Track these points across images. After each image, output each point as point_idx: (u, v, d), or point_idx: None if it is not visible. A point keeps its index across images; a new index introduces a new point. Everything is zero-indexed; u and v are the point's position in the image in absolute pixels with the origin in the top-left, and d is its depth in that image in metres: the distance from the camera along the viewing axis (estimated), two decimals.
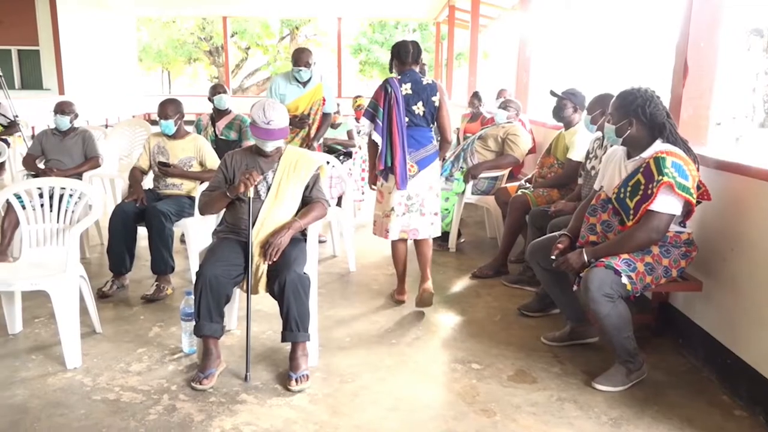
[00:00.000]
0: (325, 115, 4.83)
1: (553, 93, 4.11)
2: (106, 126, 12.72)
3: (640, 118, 2.63)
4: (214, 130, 5.05)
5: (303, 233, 2.96)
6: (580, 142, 3.96)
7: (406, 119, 3.46)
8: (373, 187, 3.75)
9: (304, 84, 4.62)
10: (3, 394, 2.58)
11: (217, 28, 23.11)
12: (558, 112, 4.14)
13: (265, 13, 20.57)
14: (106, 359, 2.92)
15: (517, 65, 7.44)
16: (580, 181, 3.76)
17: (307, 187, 2.96)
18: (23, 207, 3.21)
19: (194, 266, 4.00)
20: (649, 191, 2.55)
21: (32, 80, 14.40)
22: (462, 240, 5.04)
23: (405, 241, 3.64)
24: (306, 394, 2.63)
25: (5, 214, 4.09)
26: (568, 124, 4.13)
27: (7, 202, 3.22)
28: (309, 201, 2.96)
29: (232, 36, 22.33)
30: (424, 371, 2.88)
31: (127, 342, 3.12)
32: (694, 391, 2.71)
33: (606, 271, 2.56)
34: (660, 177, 2.52)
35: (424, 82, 3.50)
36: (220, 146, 4.80)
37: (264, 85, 25.78)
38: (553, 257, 2.84)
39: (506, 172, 4.92)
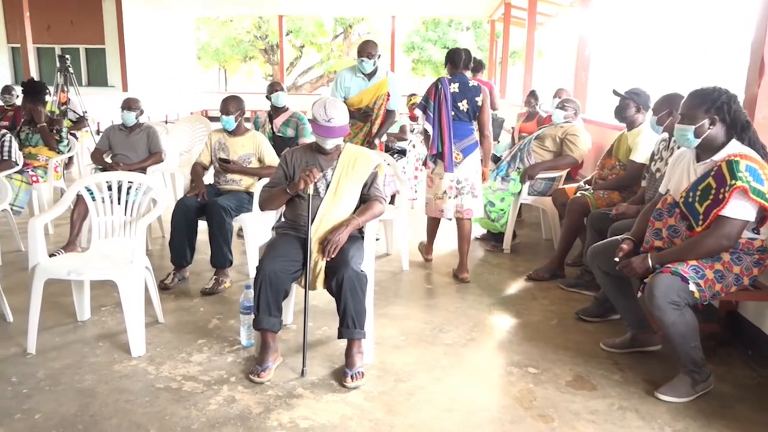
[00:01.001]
0: (389, 112, 4.79)
1: (615, 92, 3.99)
2: (166, 122, 13.13)
3: (724, 117, 2.51)
4: (272, 127, 5.14)
5: (360, 231, 2.97)
6: (644, 143, 3.84)
7: (452, 113, 4.04)
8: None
9: (369, 77, 4.62)
10: (73, 378, 2.70)
11: (273, 27, 23.51)
12: (621, 112, 4.02)
13: (320, 11, 20.77)
14: (168, 349, 3.01)
15: (576, 64, 7.26)
16: (643, 183, 3.64)
17: (365, 185, 2.97)
18: (93, 200, 3.34)
19: (251, 261, 4.09)
20: (721, 196, 2.45)
21: (98, 77, 15.00)
22: (517, 241, 4.96)
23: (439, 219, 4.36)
24: (361, 391, 2.64)
25: (74, 206, 4.26)
26: (631, 125, 4.01)
27: (77, 194, 3.36)
28: (367, 199, 2.97)
29: (287, 34, 22.66)
30: (480, 373, 2.85)
31: (187, 333, 3.20)
32: (765, 405, 2.59)
33: (673, 277, 2.47)
34: (733, 181, 2.41)
35: (470, 84, 4.09)
36: (277, 143, 4.89)
37: (317, 82, 26.08)
38: (616, 260, 2.76)
39: (564, 173, 4.82)
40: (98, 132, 8.28)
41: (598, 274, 3.05)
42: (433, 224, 4.44)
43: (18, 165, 4.43)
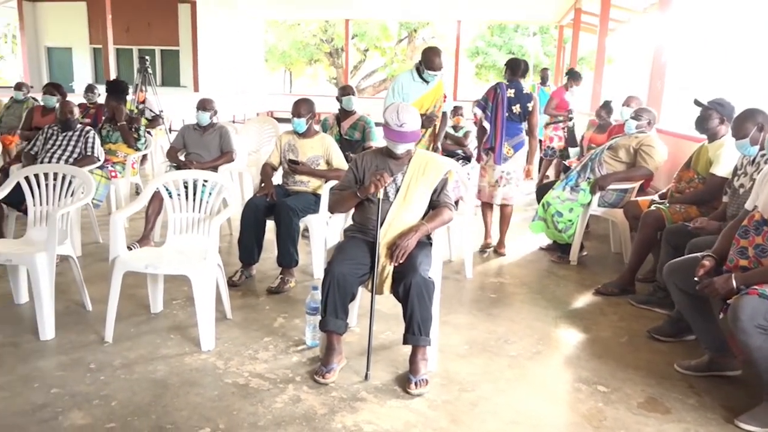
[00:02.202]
0: (444, 114, 4.90)
1: (698, 102, 3.82)
2: (233, 122, 13.51)
3: None
4: (339, 130, 5.19)
5: (429, 237, 2.96)
6: (726, 156, 3.66)
7: (506, 114, 4.67)
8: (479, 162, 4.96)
9: (428, 81, 4.66)
10: (147, 368, 2.80)
11: (339, 31, 23.84)
12: (702, 123, 3.84)
13: (386, 16, 20.91)
14: (235, 345, 3.08)
15: (651, 72, 7.01)
16: (725, 198, 3.47)
17: (435, 191, 2.95)
18: (170, 197, 3.45)
19: (316, 262, 4.14)
20: None
21: (171, 78, 15.59)
22: (584, 253, 4.82)
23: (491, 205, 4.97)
24: (425, 399, 2.62)
25: (149, 202, 4.42)
26: (713, 137, 3.83)
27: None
28: (436, 205, 2.95)
29: (353, 38, 22.90)
30: (546, 387, 2.78)
31: (254, 330, 3.27)
32: None
33: (760, 300, 2.34)
34: None
35: (525, 91, 4.72)
36: (344, 146, 4.93)
37: (380, 86, 26.24)
38: (695, 279, 2.63)
39: (637, 184, 4.65)
40: (170, 131, 8.61)
41: (675, 291, 2.92)
42: (488, 210, 5.00)
43: (99, 160, 4.65)
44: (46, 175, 3.48)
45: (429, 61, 4.57)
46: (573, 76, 8.02)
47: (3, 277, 3.77)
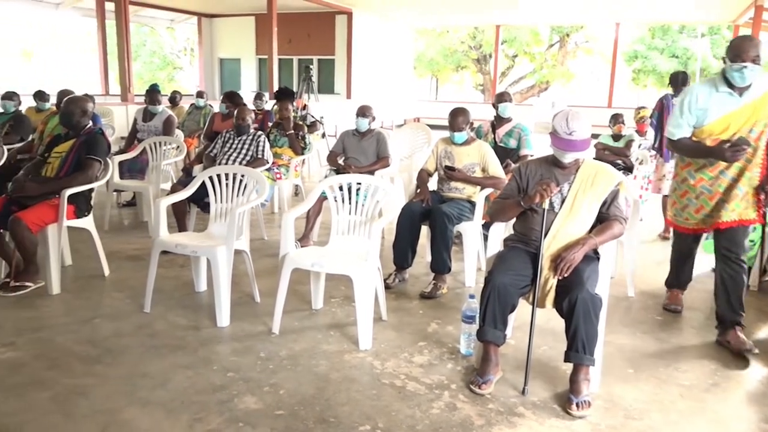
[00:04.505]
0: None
1: None
2: (381, 128, 13.89)
3: None
4: (494, 137, 5.12)
5: (596, 251, 2.81)
6: None
7: None
8: None
9: (742, 92, 3.18)
10: (310, 361, 2.94)
11: (488, 37, 23.64)
12: None
13: (538, 20, 20.38)
14: (391, 346, 3.14)
15: None
16: None
17: (604, 202, 2.80)
18: (336, 200, 3.62)
19: (469, 270, 4.11)
20: None
21: (326, 85, 16.42)
22: (767, 278, 4.32)
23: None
24: (587, 422, 2.49)
25: None
26: None
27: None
28: (605, 218, 2.80)
29: (502, 44, 22.60)
30: (727, 426, 2.52)
31: (409, 333, 3.31)
32: None
33: None
34: None
35: None
36: (499, 153, 4.83)
37: (527, 92, 25.60)
38: None
39: None
40: (323, 136, 9.06)
41: None
42: (666, 201, 5.29)
43: (268, 163, 4.99)
44: (226, 175, 3.80)
45: (743, 50, 3.07)
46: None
47: (186, 266, 4.18)
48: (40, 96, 7.02)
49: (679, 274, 3.83)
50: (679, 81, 5.54)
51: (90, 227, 4.01)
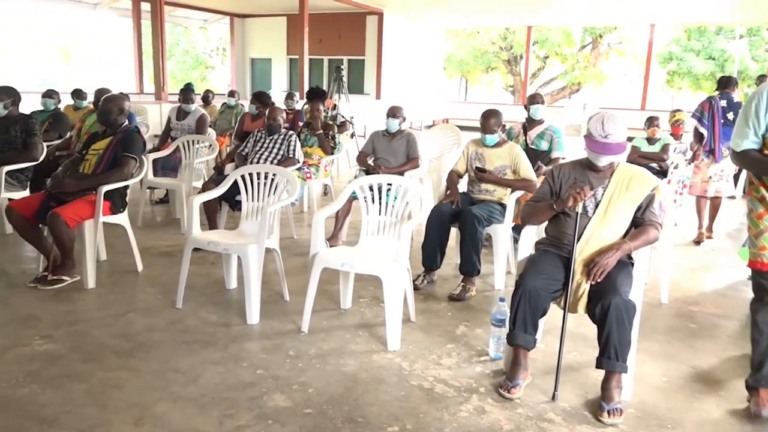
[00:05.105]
0: None
1: None
2: (410, 128, 13.88)
3: None
4: (525, 139, 5.08)
5: (629, 257, 2.76)
6: None
7: (722, 121, 5.55)
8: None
9: None
10: (338, 360, 2.95)
11: (519, 38, 23.44)
12: None
13: (571, 21, 20.13)
14: (419, 348, 3.13)
15: None
16: None
17: (639, 207, 2.75)
18: (366, 200, 3.62)
19: (498, 272, 4.08)
20: None
21: (356, 86, 16.47)
22: None
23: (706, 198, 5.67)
24: (619, 430, 2.45)
25: None
26: None
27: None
28: (640, 223, 2.75)
29: (533, 45, 22.38)
30: None
31: (437, 335, 3.30)
32: None
33: None
34: None
35: (735, 100, 5.64)
36: (530, 155, 4.78)
37: (558, 94, 25.32)
38: None
39: None
40: (352, 136, 9.09)
41: None
42: (703, 203, 5.74)
43: (299, 162, 5.03)
44: (258, 174, 3.84)
45: None
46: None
47: (217, 263, 4.23)
48: (77, 94, 7.19)
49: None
50: (731, 83, 5.74)
51: (125, 223, 4.09)
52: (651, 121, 6.13)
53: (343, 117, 8.41)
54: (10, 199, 4.16)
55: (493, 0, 14.29)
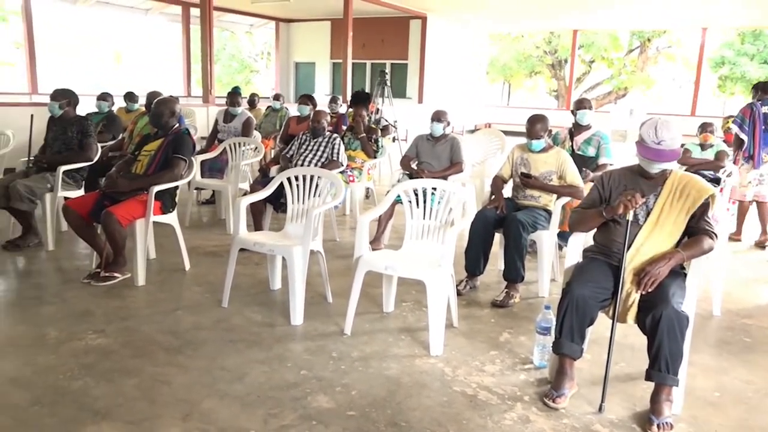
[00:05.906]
0: None
1: None
2: (453, 132, 13.81)
3: None
4: (572, 145, 4.99)
5: (682, 267, 2.69)
6: None
7: (763, 128, 5.53)
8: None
9: None
10: (381, 364, 2.96)
11: (563, 42, 23.09)
12: None
13: (618, 25, 19.70)
14: (462, 354, 3.11)
15: None
16: None
17: (693, 216, 2.67)
18: (410, 203, 3.62)
19: (543, 279, 4.02)
20: None
21: (399, 90, 16.46)
22: None
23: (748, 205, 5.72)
24: None
25: None
26: None
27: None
28: (694, 232, 2.67)
29: (579, 49, 22.00)
30: None
31: (480, 342, 3.28)
32: None
33: None
34: None
35: None
36: (576, 161, 4.69)
37: (603, 99, 24.80)
38: None
39: None
40: (394, 140, 9.09)
41: None
42: (745, 208, 5.82)
43: (343, 165, 5.06)
44: (303, 176, 3.89)
45: None
46: None
47: (262, 264, 4.30)
48: (129, 97, 7.42)
49: None
50: (764, 88, 5.71)
51: (174, 223, 4.19)
52: (704, 127, 5.96)
53: (386, 121, 8.43)
54: (66, 198, 4.32)
55: (538, 4, 14.10)
